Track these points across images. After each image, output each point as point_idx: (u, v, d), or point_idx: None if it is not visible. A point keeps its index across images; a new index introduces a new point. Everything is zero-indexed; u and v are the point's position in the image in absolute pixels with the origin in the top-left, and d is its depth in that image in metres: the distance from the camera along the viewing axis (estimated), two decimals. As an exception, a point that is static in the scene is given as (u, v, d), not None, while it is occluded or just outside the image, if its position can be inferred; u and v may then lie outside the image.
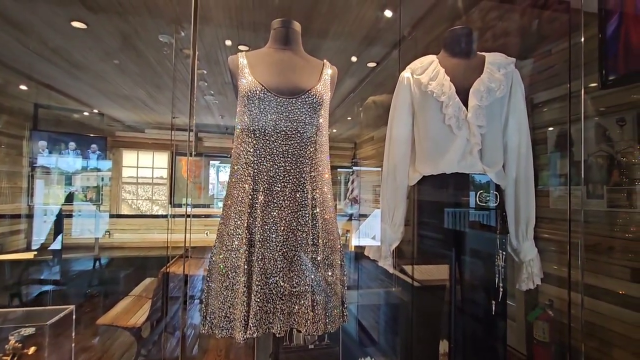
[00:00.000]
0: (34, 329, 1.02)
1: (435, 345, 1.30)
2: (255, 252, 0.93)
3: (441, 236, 1.24)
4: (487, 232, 1.16)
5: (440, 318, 1.33)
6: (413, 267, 1.82)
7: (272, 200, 0.96)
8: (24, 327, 0.99)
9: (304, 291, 0.96)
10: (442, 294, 1.36)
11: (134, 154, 5.77)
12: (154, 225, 5.81)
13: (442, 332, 1.31)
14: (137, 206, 5.88)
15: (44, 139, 4.24)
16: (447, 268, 1.76)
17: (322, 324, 0.98)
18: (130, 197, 5.82)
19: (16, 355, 0.97)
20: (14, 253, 4.43)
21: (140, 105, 4.54)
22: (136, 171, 5.80)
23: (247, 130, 0.99)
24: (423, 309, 1.42)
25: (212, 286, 0.99)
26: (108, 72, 3.42)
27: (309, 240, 0.98)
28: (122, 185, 5.74)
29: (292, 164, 0.98)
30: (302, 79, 1.03)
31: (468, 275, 1.19)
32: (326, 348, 1.40)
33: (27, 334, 1.01)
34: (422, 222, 1.27)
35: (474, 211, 1.16)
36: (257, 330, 0.92)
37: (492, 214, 1.15)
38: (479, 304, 1.16)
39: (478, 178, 1.15)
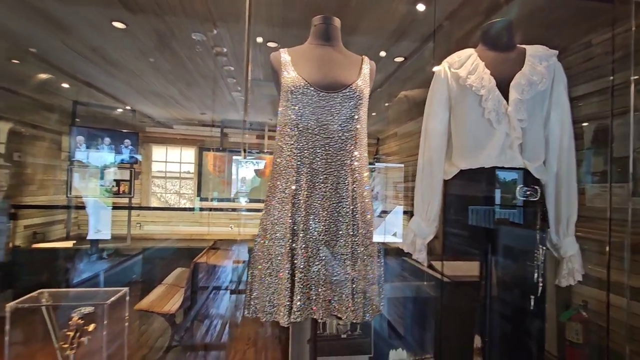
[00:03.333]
0: (93, 308, 1.10)
1: (470, 341, 1.30)
2: (298, 241, 0.98)
3: (477, 231, 1.24)
4: (525, 227, 1.15)
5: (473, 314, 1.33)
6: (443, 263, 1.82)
7: (314, 191, 0.99)
8: (85, 306, 1.08)
9: (344, 280, 0.99)
10: (475, 290, 1.36)
11: (163, 149, 5.98)
12: (181, 218, 6.02)
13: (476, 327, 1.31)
14: (166, 199, 6.10)
15: (82, 134, 4.46)
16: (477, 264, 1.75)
17: (361, 312, 1.01)
18: (160, 191, 6.04)
19: (78, 331, 1.06)
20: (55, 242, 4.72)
21: (170, 102, 4.70)
22: (165, 165, 6.01)
23: (289, 124, 1.02)
24: (455, 305, 1.43)
25: (256, 273, 1.04)
26: (142, 70, 3.56)
27: (349, 231, 1.01)
28: (151, 179, 5.96)
29: (333, 156, 1.01)
30: (342, 74, 1.06)
31: (505, 271, 1.18)
32: (358, 338, 1.43)
33: (86, 312, 1.09)
34: (455, 217, 1.28)
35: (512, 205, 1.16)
36: (300, 316, 0.96)
37: (532, 209, 1.14)
38: (516, 300, 1.15)
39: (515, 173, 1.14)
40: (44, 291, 1.15)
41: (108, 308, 1.12)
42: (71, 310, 1.10)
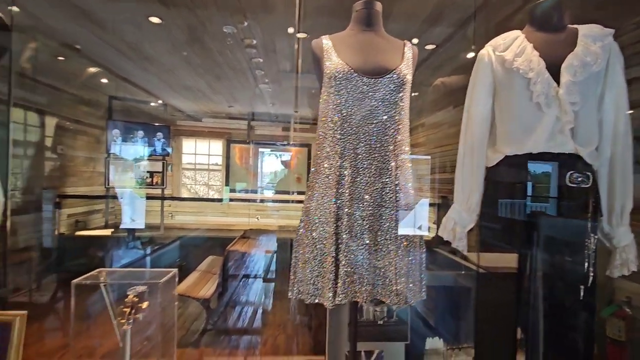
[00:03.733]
0: (146, 287, 1.17)
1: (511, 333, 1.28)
2: (342, 225, 0.99)
3: (521, 219, 1.21)
4: (575, 215, 1.11)
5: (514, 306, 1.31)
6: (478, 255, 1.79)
7: (358, 177, 1.00)
8: (140, 285, 1.14)
9: (388, 264, 1.00)
10: (514, 282, 1.33)
11: (192, 141, 6.16)
12: (210, 208, 6.20)
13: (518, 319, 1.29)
14: (195, 190, 6.30)
15: (118, 127, 4.65)
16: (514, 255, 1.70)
17: (404, 296, 1.01)
18: (189, 182, 6.24)
19: (133, 308, 1.13)
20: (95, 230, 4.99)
21: (199, 96, 4.82)
22: (194, 158, 6.19)
23: (333, 110, 1.03)
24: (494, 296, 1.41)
25: (300, 256, 1.07)
26: (174, 64, 3.66)
27: (393, 216, 1.01)
28: (182, 170, 6.17)
29: (377, 142, 1.01)
30: (385, 59, 1.05)
31: (552, 261, 1.15)
32: (394, 325, 1.44)
33: (141, 290, 1.16)
34: (497, 205, 1.25)
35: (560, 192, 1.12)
36: (344, 298, 0.98)
37: (582, 196, 1.09)
38: (565, 292, 1.12)
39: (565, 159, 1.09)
40: (102, 270, 1.23)
41: (161, 287, 1.19)
42: (126, 288, 1.18)
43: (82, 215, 4.83)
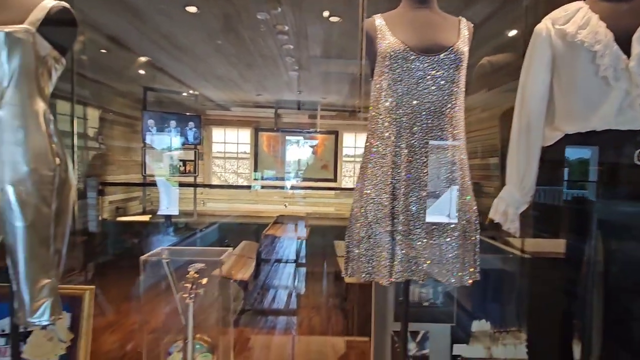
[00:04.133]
0: (204, 264, 1.24)
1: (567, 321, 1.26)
2: (399, 204, 1.00)
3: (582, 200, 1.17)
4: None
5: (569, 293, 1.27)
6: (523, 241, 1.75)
7: (415, 155, 1.00)
8: (200, 262, 1.21)
9: (445, 243, 1.01)
10: (569, 268, 1.30)
11: (221, 130, 6.29)
12: (240, 195, 6.36)
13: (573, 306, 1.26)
14: (225, 178, 6.46)
15: (152, 117, 4.81)
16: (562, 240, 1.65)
17: (459, 276, 1.02)
18: (219, 170, 6.41)
19: (194, 284, 1.19)
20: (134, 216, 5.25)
21: (230, 85, 4.89)
22: (224, 146, 6.33)
23: (388, 89, 1.03)
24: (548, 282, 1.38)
25: (354, 236, 1.09)
26: (207, 54, 3.72)
27: (449, 194, 1.01)
28: (212, 159, 6.33)
29: (434, 120, 1.00)
30: (442, 36, 1.03)
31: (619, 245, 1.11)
32: (440, 307, 1.45)
33: (200, 267, 1.23)
34: (554, 186, 1.21)
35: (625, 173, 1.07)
36: (401, 276, 1.00)
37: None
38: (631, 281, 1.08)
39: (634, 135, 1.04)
40: (164, 248, 1.31)
41: (215, 264, 1.25)
42: (187, 265, 1.25)
43: (122, 202, 5.09)
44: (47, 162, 1.06)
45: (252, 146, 6.22)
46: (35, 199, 1.04)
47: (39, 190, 1.04)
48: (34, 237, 1.04)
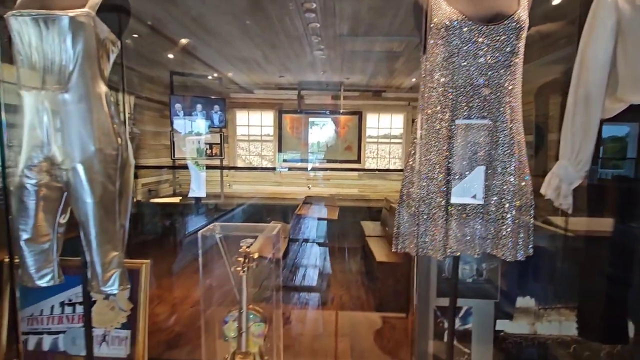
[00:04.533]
0: (253, 239, 1.29)
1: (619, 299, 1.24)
2: (455, 179, 1.00)
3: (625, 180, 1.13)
4: None
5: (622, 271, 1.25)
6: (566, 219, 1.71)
7: (472, 131, 0.99)
8: (250, 237, 1.26)
9: (500, 218, 1.00)
10: (620, 246, 1.26)
11: (245, 113, 6.33)
12: (264, 178, 6.46)
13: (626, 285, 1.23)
14: (250, 161, 6.56)
15: (179, 102, 4.89)
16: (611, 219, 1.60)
17: (514, 250, 1.02)
18: (244, 153, 6.50)
19: (247, 257, 1.24)
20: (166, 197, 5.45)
21: (253, 67, 4.88)
22: (247, 129, 6.39)
23: (444, 62, 1.01)
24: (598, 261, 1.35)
25: (405, 211, 1.10)
26: (233, 36, 3.71)
27: (507, 169, 0.99)
28: (236, 142, 6.42)
29: (492, 93, 0.98)
30: (503, 4, 0.99)
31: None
32: (484, 283, 1.45)
33: (252, 242, 1.28)
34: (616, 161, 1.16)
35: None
36: (456, 250, 1.01)
37: None
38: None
39: None
40: (217, 224, 1.37)
41: (273, 238, 1.30)
42: (239, 240, 1.30)
43: (153, 184, 5.28)
44: (111, 142, 1.12)
45: (275, 128, 6.25)
46: (102, 177, 1.10)
47: (104, 169, 1.10)
48: (102, 213, 1.11)
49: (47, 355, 1.57)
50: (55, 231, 1.17)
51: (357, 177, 6.32)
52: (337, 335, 2.12)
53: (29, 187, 1.09)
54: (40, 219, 1.13)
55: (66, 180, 1.08)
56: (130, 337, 1.56)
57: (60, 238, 1.19)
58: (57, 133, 1.06)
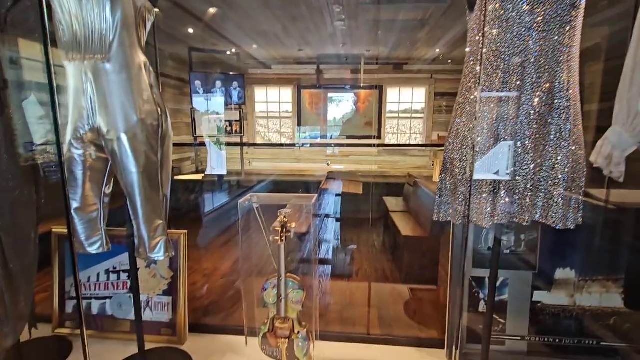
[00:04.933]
0: (291, 210, 1.29)
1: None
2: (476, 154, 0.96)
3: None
4: None
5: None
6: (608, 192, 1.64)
7: (525, 92, 0.94)
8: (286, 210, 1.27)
9: (551, 185, 0.97)
10: None
11: (263, 89, 6.27)
12: (283, 155, 6.48)
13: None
14: (269, 138, 6.56)
15: (199, 79, 4.88)
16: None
17: (565, 218, 0.98)
18: (263, 130, 6.50)
19: (284, 227, 1.26)
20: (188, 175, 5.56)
21: (273, 40, 4.78)
22: (266, 106, 6.35)
23: (493, 20, 0.94)
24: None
25: (448, 178, 1.08)
26: (254, 9, 3.62)
27: (560, 135, 0.95)
28: (255, 119, 6.41)
29: (548, 52, 0.92)
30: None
31: None
32: (522, 254, 1.43)
33: (288, 211, 1.29)
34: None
35: None
36: (504, 218, 0.98)
37: None
38: None
39: None
40: (254, 195, 1.38)
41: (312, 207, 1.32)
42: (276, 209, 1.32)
43: (176, 162, 5.38)
44: (152, 113, 1.13)
45: (294, 104, 6.18)
46: (145, 147, 1.12)
47: (147, 139, 1.12)
48: (146, 183, 1.13)
49: (97, 319, 1.67)
50: (101, 201, 1.21)
51: (377, 154, 6.25)
52: (370, 305, 2.17)
53: (76, 157, 1.12)
54: (87, 189, 1.17)
55: (111, 151, 1.10)
56: (172, 303, 1.64)
57: (105, 208, 1.23)
58: (101, 103, 1.07)
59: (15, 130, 1.31)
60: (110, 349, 1.56)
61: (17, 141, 1.32)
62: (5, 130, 1.27)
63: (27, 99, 1.38)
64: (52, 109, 0.92)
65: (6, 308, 1.30)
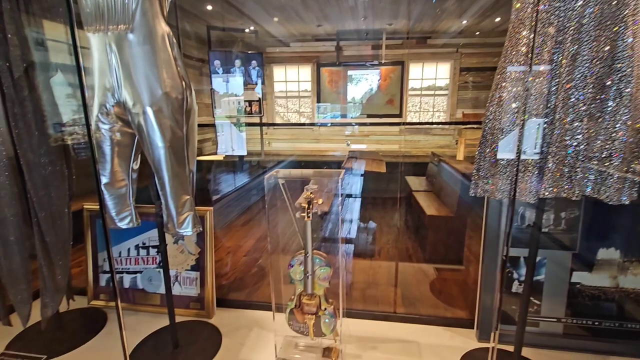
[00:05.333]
0: (317, 186, 1.26)
1: None
2: (555, 113, 0.87)
3: None
4: None
5: None
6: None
7: (581, 51, 0.84)
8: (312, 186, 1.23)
9: (606, 156, 0.88)
10: None
11: (282, 68, 6.17)
12: (303, 135, 6.42)
13: None
14: (288, 118, 6.51)
15: (218, 58, 4.82)
16: None
17: (619, 193, 0.90)
18: (282, 110, 6.44)
19: (310, 203, 1.23)
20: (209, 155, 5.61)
21: (291, 16, 4.64)
22: (285, 85, 6.26)
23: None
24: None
25: (489, 152, 1.01)
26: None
27: (621, 100, 0.85)
28: (274, 99, 6.34)
29: (608, 9, 0.81)
30: None
31: None
32: (562, 233, 1.35)
33: (314, 187, 1.26)
34: None
35: None
36: (552, 192, 0.91)
37: None
38: None
39: None
40: (279, 170, 1.36)
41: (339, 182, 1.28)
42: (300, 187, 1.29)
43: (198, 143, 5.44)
44: (177, 86, 1.10)
45: (313, 83, 6.05)
46: (171, 121, 1.10)
47: (173, 113, 1.10)
48: (173, 158, 1.12)
49: (128, 292, 1.73)
50: (129, 177, 1.21)
51: (398, 133, 6.09)
52: (397, 284, 2.15)
53: (104, 132, 1.12)
54: (116, 164, 1.17)
55: (138, 125, 1.09)
56: (199, 278, 1.67)
57: (134, 184, 1.24)
58: (126, 76, 1.05)
59: (44, 108, 1.33)
60: (142, 321, 1.62)
61: (47, 120, 1.33)
62: (34, 109, 1.28)
63: (53, 77, 1.39)
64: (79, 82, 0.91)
65: (45, 280, 1.35)
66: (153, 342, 1.48)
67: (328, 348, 1.42)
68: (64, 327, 1.56)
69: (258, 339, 1.52)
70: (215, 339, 1.51)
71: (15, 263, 1.28)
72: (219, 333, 1.55)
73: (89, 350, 1.44)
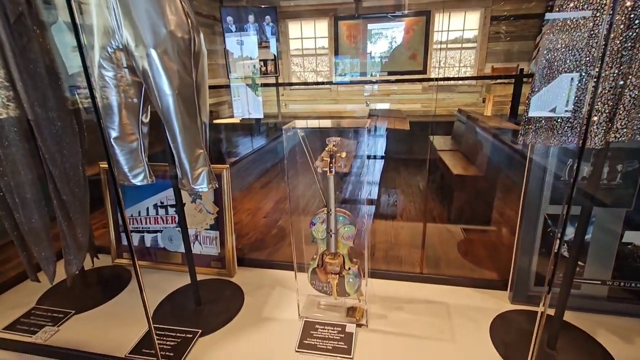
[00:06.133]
0: (340, 138, 1.14)
1: None
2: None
3: None
4: None
5: None
6: None
7: None
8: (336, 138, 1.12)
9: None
10: None
11: (297, 24, 5.82)
12: (320, 96, 6.18)
13: None
14: (305, 78, 6.24)
15: (230, 14, 4.56)
16: None
17: None
18: (298, 70, 6.16)
19: (333, 156, 1.12)
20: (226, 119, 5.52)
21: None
22: (301, 42, 5.93)
23: None
24: None
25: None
26: None
27: None
28: (290, 58, 6.06)
29: None
30: None
31: None
32: (617, 188, 1.20)
33: (338, 140, 1.14)
34: None
35: None
36: (625, 134, 0.76)
37: None
38: None
39: None
40: (296, 121, 1.25)
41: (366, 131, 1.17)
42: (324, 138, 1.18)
43: (213, 106, 5.33)
44: (182, 24, 0.97)
45: (330, 39, 5.70)
46: (177, 65, 0.99)
47: (179, 56, 0.98)
48: (182, 107, 1.02)
49: (150, 250, 1.73)
50: (140, 130, 1.13)
51: (421, 91, 5.75)
52: (423, 244, 2.08)
53: (107, 79, 1.03)
54: (124, 116, 1.09)
55: (143, 71, 0.99)
56: (219, 237, 1.64)
57: (145, 138, 1.16)
58: (125, 14, 0.94)
59: (52, 53, 1.24)
60: (164, 279, 1.63)
61: (52, 72, 1.25)
62: (36, 59, 1.19)
63: (55, 23, 1.28)
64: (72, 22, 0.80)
65: (66, 238, 1.34)
66: (176, 300, 1.49)
67: (352, 307, 1.38)
68: (90, 284, 1.59)
69: (280, 298, 1.50)
70: (238, 296, 1.50)
71: (34, 221, 1.26)
72: (241, 291, 1.54)
73: (114, 306, 1.47)
